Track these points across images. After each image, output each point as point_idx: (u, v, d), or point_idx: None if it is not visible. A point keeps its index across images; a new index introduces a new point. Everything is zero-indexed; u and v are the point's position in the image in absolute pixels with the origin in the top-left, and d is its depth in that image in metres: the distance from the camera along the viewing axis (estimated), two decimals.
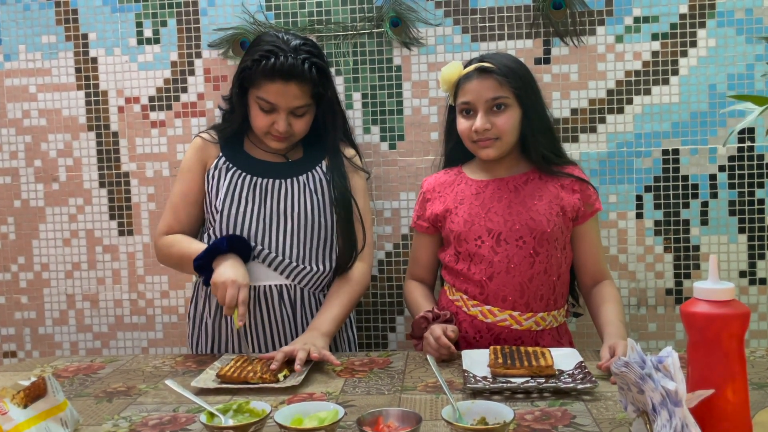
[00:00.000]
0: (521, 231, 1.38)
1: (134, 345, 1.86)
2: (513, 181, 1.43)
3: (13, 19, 1.82)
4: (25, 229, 1.86)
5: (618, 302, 1.39)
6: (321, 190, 1.46)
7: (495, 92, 1.36)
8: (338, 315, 1.40)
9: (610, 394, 1.07)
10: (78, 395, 1.17)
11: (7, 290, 1.88)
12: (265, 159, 1.47)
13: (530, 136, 1.40)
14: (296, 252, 1.44)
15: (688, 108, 1.69)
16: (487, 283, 1.39)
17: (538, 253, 1.38)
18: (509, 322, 1.38)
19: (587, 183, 1.43)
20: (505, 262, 1.38)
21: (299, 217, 1.43)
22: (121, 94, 1.81)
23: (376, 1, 1.72)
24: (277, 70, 1.34)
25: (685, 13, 1.67)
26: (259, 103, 1.39)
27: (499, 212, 1.40)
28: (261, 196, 1.43)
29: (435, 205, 1.47)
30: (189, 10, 1.77)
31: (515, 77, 1.37)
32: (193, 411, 1.06)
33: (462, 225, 1.41)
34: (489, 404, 0.94)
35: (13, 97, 1.84)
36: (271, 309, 1.43)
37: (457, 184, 1.47)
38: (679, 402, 0.72)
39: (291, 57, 1.34)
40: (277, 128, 1.40)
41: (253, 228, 1.42)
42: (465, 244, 1.41)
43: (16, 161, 1.85)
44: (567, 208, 1.40)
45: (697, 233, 1.71)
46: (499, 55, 1.41)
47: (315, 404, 0.97)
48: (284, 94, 1.36)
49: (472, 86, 1.37)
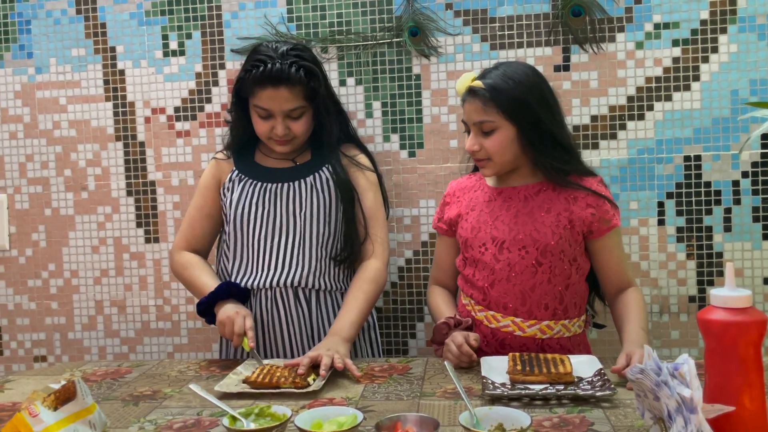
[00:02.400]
0: (524, 241, 1.37)
1: (160, 350, 1.90)
2: (524, 191, 1.41)
3: (44, 33, 1.88)
4: (55, 236, 1.91)
5: (640, 309, 1.37)
6: (327, 189, 1.51)
7: (479, 116, 1.35)
8: (357, 319, 1.42)
9: (629, 402, 1.07)
10: (105, 399, 1.20)
11: (38, 296, 1.93)
12: (275, 166, 1.54)
13: (533, 151, 1.37)
14: (306, 252, 1.48)
15: (710, 114, 1.68)
16: (488, 290, 1.40)
17: (540, 263, 1.37)
18: (512, 327, 1.38)
19: (604, 198, 1.38)
20: (506, 270, 1.38)
21: (306, 217, 1.49)
22: (148, 105, 1.86)
23: (396, 11, 1.75)
24: (266, 76, 1.41)
25: (706, 18, 1.66)
26: (256, 111, 1.47)
27: (505, 221, 1.40)
28: (270, 200, 1.50)
29: (452, 209, 1.49)
30: (213, 22, 1.82)
31: (503, 98, 1.33)
32: (216, 415, 1.09)
33: (469, 231, 1.43)
34: (506, 410, 0.94)
35: (44, 109, 1.89)
36: (287, 309, 1.47)
37: (475, 190, 1.48)
38: (694, 409, 0.72)
39: (278, 63, 1.41)
40: (276, 132, 1.46)
41: (263, 231, 1.49)
42: (471, 250, 1.43)
43: (46, 171, 1.90)
44: (576, 222, 1.37)
45: (720, 240, 1.69)
46: (498, 71, 1.36)
47: (335, 409, 0.98)
48: (276, 99, 1.43)
49: (466, 107, 1.38)
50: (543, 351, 1.38)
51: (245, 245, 1.50)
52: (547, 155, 1.36)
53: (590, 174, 1.42)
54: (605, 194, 1.39)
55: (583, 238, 1.39)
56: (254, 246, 1.49)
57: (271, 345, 1.50)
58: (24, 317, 1.94)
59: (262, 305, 1.48)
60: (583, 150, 1.70)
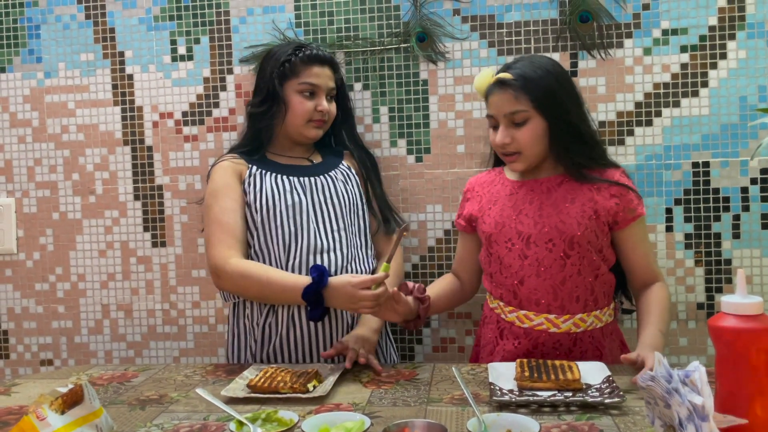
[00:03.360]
0: (551, 234, 1.36)
1: (166, 354, 1.90)
2: (547, 183, 1.41)
3: (54, 38, 1.89)
4: (62, 240, 1.92)
5: (663, 308, 1.36)
6: (350, 183, 1.59)
7: (512, 106, 1.35)
8: None
9: (638, 409, 1.07)
10: (112, 402, 1.20)
11: (45, 300, 1.93)
12: (293, 164, 1.57)
13: (558, 146, 1.37)
14: (342, 238, 1.52)
15: (718, 120, 1.67)
16: (518, 287, 1.39)
17: (569, 256, 1.36)
18: (546, 325, 1.37)
19: (627, 188, 1.37)
20: (535, 265, 1.37)
21: (341, 206, 1.54)
22: (156, 110, 1.86)
23: (403, 16, 1.75)
24: (313, 56, 1.54)
25: (715, 25, 1.66)
26: (301, 90, 1.53)
27: (529, 214, 1.39)
28: (303, 191, 1.53)
29: (472, 205, 1.49)
30: (221, 27, 1.82)
31: (534, 88, 1.33)
32: (222, 419, 1.09)
33: (493, 226, 1.41)
34: (515, 417, 0.94)
35: (52, 113, 1.90)
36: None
37: (495, 184, 1.48)
38: (705, 417, 0.71)
39: (316, 48, 1.57)
40: (321, 109, 1.54)
41: (304, 220, 1.50)
42: (496, 246, 1.41)
43: (55, 175, 1.91)
44: (601, 212, 1.36)
45: (728, 247, 1.68)
46: (524, 62, 1.38)
47: (342, 414, 0.98)
48: (323, 76, 1.55)
49: (493, 99, 1.38)
50: (576, 346, 1.37)
51: (288, 234, 1.48)
52: (572, 150, 1.36)
53: (613, 165, 1.42)
54: (628, 184, 1.38)
55: (609, 229, 1.38)
56: (297, 232, 1.48)
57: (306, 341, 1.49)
58: (31, 321, 1.94)
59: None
60: None
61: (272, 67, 1.54)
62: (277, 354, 1.49)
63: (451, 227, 1.77)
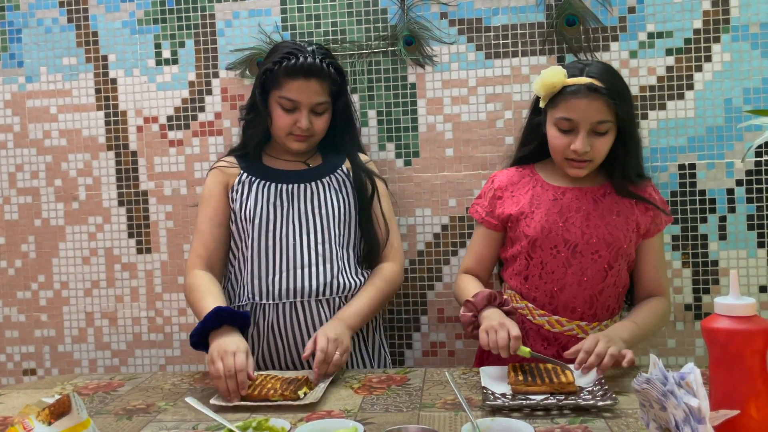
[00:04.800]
0: (598, 245, 1.37)
1: (152, 362, 1.87)
2: (591, 193, 1.41)
3: (35, 42, 1.86)
4: (45, 247, 1.88)
5: (655, 314, 1.38)
6: (345, 190, 1.51)
7: (602, 116, 1.32)
8: (365, 310, 1.43)
9: (630, 411, 1.06)
10: (98, 413, 1.18)
11: (27, 308, 1.90)
12: (287, 168, 1.52)
13: (621, 159, 1.38)
14: (331, 251, 1.46)
15: (704, 122, 1.68)
16: (558, 294, 1.39)
17: (611, 267, 1.38)
18: (576, 331, 1.38)
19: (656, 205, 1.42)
20: (578, 274, 1.37)
21: (327, 216, 1.48)
22: (140, 114, 1.84)
23: (391, 20, 1.74)
24: (298, 68, 1.43)
25: (699, 28, 1.67)
26: (281, 103, 1.46)
27: (576, 223, 1.38)
28: (288, 200, 1.48)
29: (507, 205, 1.44)
30: (206, 31, 1.81)
31: (623, 100, 1.33)
32: (212, 428, 1.07)
33: (539, 231, 1.38)
34: (509, 422, 0.93)
35: (34, 118, 1.87)
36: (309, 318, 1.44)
37: (532, 186, 1.44)
38: (702, 419, 0.71)
39: (310, 57, 1.45)
40: (299, 126, 1.46)
41: (284, 233, 1.46)
42: (540, 251, 1.39)
43: (36, 181, 1.88)
44: (641, 225, 1.40)
45: (715, 248, 1.69)
46: (606, 71, 1.36)
47: (334, 421, 0.97)
48: (306, 91, 1.45)
49: (581, 104, 1.32)
50: None
51: (264, 247, 1.45)
52: (627, 163, 1.38)
53: (646, 179, 1.44)
54: (662, 204, 1.44)
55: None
56: (276, 246, 1.45)
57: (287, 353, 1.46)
58: (13, 330, 1.90)
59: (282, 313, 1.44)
60: None
61: (262, 69, 1.49)
62: (266, 361, 1.47)
63: (440, 231, 1.76)
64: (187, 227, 1.83)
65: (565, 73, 1.34)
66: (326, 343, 1.28)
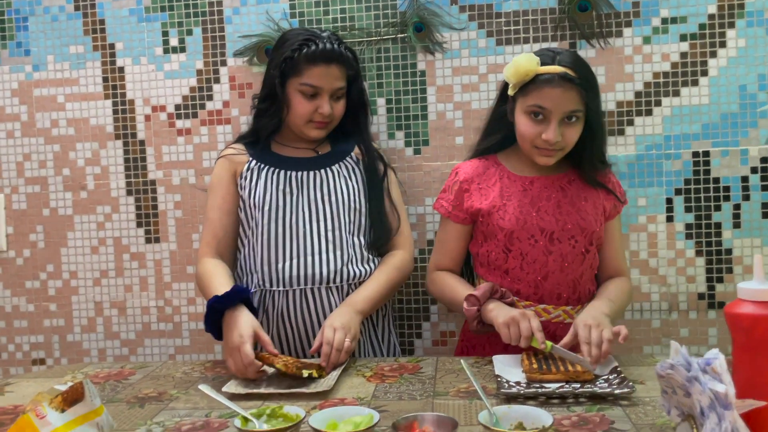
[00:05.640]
0: (573, 230, 1.39)
1: (161, 352, 1.87)
2: (558, 181, 1.42)
3: (42, 30, 1.84)
4: (53, 237, 1.87)
5: (623, 291, 1.41)
6: (355, 177, 1.51)
7: (574, 105, 1.32)
8: (374, 296, 1.43)
9: (648, 399, 1.05)
10: (110, 401, 1.17)
11: (36, 298, 1.89)
12: (296, 155, 1.51)
13: (588, 148, 1.39)
14: (341, 238, 1.45)
15: (718, 109, 1.66)
16: (542, 283, 1.39)
17: (588, 251, 1.41)
18: (563, 317, 1.39)
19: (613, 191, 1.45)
20: (559, 261, 1.38)
21: (337, 203, 1.47)
22: (148, 103, 1.82)
23: (400, 6, 1.72)
24: (319, 54, 1.43)
25: (714, 13, 1.64)
26: (302, 90, 1.45)
27: (549, 211, 1.39)
28: (298, 187, 1.47)
29: (475, 198, 1.43)
30: (214, 18, 1.79)
31: (593, 90, 1.35)
32: (225, 416, 1.06)
33: (514, 222, 1.38)
34: (527, 409, 0.92)
35: (41, 107, 1.86)
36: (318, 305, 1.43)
37: (499, 177, 1.44)
38: (729, 405, 0.70)
39: (328, 42, 1.44)
40: (321, 112, 1.45)
41: (294, 220, 1.45)
42: (518, 243, 1.39)
43: (44, 170, 1.87)
44: (607, 208, 1.44)
45: (729, 236, 1.67)
46: (578, 60, 1.35)
47: (349, 409, 0.96)
48: (327, 76, 1.44)
49: (554, 93, 1.31)
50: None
51: (274, 233, 1.44)
52: (594, 153, 1.40)
53: (608, 165, 1.47)
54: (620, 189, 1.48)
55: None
56: (286, 233, 1.44)
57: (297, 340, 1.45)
58: (22, 319, 1.90)
59: (291, 300, 1.43)
60: None
61: (276, 61, 1.47)
62: (276, 348, 1.45)
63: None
64: (196, 216, 1.82)
65: (539, 60, 1.33)
66: (332, 335, 1.27)
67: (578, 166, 1.42)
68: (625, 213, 1.69)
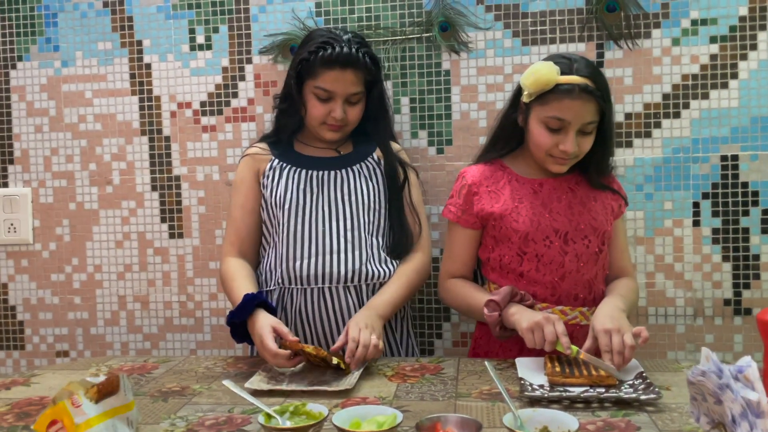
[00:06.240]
0: (586, 230, 1.38)
1: (183, 347, 1.88)
2: (566, 182, 1.42)
3: (71, 27, 1.87)
4: (79, 231, 1.90)
5: (632, 290, 1.40)
6: (375, 178, 1.51)
7: (592, 117, 1.32)
8: (396, 300, 1.42)
9: (674, 406, 1.04)
10: (134, 394, 1.18)
11: (61, 291, 1.92)
12: (318, 155, 1.52)
13: (598, 155, 1.39)
14: (360, 238, 1.45)
15: (748, 113, 1.63)
16: (559, 284, 1.38)
17: (601, 251, 1.41)
18: (579, 318, 1.38)
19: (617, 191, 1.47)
20: (575, 261, 1.37)
21: (357, 203, 1.47)
22: (174, 100, 1.84)
23: (426, 5, 1.72)
24: (334, 58, 1.41)
25: (745, 15, 1.62)
26: (316, 93, 1.45)
27: (561, 212, 1.39)
28: (318, 187, 1.47)
29: (485, 201, 1.41)
30: (240, 16, 1.80)
31: (609, 101, 1.35)
32: (248, 412, 1.06)
33: (528, 224, 1.37)
34: (552, 413, 0.91)
35: (69, 102, 1.88)
36: (336, 304, 1.44)
37: (508, 181, 1.43)
38: (761, 413, 0.68)
39: (346, 46, 1.42)
40: (334, 116, 1.45)
41: (314, 217, 1.45)
42: (533, 245, 1.38)
43: (71, 165, 1.89)
44: (614, 208, 1.44)
45: (757, 242, 1.65)
46: (595, 69, 1.34)
47: (372, 408, 0.96)
48: (341, 81, 1.43)
49: (574, 105, 1.30)
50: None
51: (293, 232, 1.45)
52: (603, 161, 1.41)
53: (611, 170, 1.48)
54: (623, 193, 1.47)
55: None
56: (305, 232, 1.45)
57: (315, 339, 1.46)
58: (47, 312, 1.93)
59: (309, 298, 1.44)
60: (617, 148, 1.66)
61: (294, 62, 1.48)
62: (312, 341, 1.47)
63: None
64: (219, 212, 1.83)
65: (558, 69, 1.31)
66: (358, 333, 1.27)
67: (585, 171, 1.42)
68: (650, 216, 1.68)
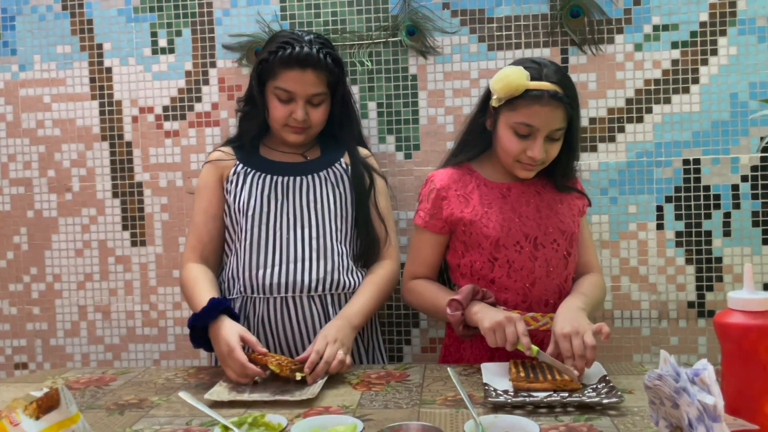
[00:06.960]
0: (554, 234, 1.38)
1: (146, 357, 1.84)
2: (533, 186, 1.42)
3: (29, 30, 1.82)
4: (37, 239, 1.85)
5: (597, 286, 1.41)
6: (342, 185, 1.48)
7: (560, 123, 1.32)
8: (367, 309, 1.40)
9: (636, 409, 1.04)
10: (89, 407, 1.15)
11: (19, 301, 1.86)
12: (284, 160, 1.49)
13: (564, 160, 1.40)
14: (327, 246, 1.42)
15: (709, 117, 1.66)
16: (530, 290, 1.37)
17: (569, 254, 1.41)
18: (550, 324, 1.34)
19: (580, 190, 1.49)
20: (545, 266, 1.37)
21: (323, 210, 1.44)
22: (135, 104, 1.80)
23: (392, 9, 1.71)
24: (293, 58, 1.39)
25: (706, 20, 1.64)
26: (277, 94, 1.43)
27: (530, 216, 1.38)
28: (283, 193, 1.45)
29: (454, 206, 1.40)
30: (204, 20, 1.77)
31: (578, 108, 1.36)
32: (206, 424, 1.04)
33: (499, 230, 1.36)
34: (513, 419, 0.91)
35: (27, 107, 1.83)
36: (300, 314, 1.41)
37: (476, 185, 1.42)
38: (717, 417, 0.68)
39: (306, 46, 1.40)
40: (295, 117, 1.43)
41: (279, 224, 1.43)
42: (504, 250, 1.37)
43: (29, 171, 1.84)
44: (580, 207, 1.45)
45: (719, 245, 1.67)
46: (564, 75, 1.34)
47: (332, 417, 0.94)
48: (301, 82, 1.41)
49: (543, 111, 1.29)
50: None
51: (257, 239, 1.42)
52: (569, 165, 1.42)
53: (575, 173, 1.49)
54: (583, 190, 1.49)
55: None
56: (269, 239, 1.42)
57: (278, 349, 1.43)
58: (4, 323, 1.87)
59: (272, 308, 1.41)
60: (581, 153, 1.67)
61: (258, 59, 1.46)
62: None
63: None
64: (183, 219, 1.80)
65: (528, 75, 1.30)
66: (324, 347, 1.25)
67: (550, 175, 1.42)
68: (615, 220, 1.69)
